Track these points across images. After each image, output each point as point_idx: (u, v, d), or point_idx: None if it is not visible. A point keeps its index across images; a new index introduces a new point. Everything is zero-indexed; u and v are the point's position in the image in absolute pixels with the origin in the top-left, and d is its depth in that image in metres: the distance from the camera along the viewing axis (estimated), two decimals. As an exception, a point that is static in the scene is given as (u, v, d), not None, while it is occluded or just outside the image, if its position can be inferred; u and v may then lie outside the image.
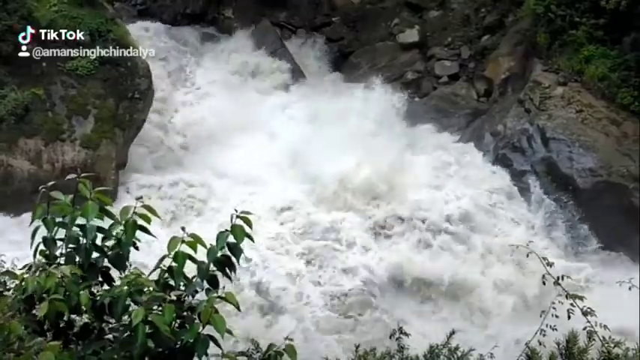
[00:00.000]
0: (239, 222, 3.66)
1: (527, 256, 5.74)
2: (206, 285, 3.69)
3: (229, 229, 3.68)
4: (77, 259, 3.66)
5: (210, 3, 26.81)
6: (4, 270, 3.90)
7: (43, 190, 3.68)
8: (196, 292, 3.66)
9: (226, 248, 3.71)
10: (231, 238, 3.68)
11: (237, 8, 26.64)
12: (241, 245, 3.69)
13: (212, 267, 3.70)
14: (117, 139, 18.31)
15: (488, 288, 16.52)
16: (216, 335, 3.49)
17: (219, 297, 3.56)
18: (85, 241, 3.65)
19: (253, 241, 3.72)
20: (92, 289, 3.57)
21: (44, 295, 3.40)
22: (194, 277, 3.69)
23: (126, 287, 3.50)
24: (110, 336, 3.63)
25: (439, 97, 23.21)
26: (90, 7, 19.16)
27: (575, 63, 19.73)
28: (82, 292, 3.45)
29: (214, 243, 3.71)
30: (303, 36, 26.54)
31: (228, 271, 3.73)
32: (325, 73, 25.52)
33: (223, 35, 26.01)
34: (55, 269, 3.48)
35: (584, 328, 5.20)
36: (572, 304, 5.19)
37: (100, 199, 3.66)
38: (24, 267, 3.68)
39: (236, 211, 3.68)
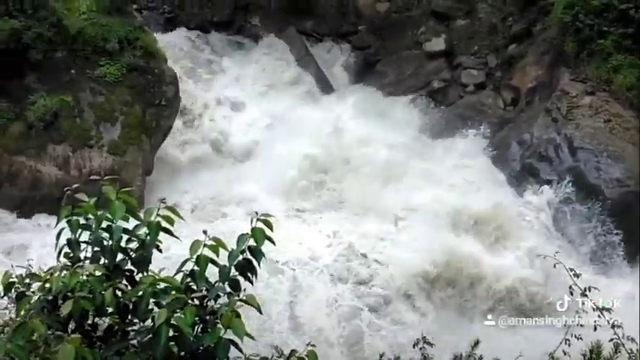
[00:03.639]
0: (260, 225, 3.66)
1: (555, 266, 5.69)
2: (228, 289, 3.70)
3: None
4: (102, 260, 3.68)
5: (238, 11, 26.97)
6: (29, 273, 3.91)
7: (68, 192, 3.71)
8: (218, 296, 3.66)
9: (247, 252, 3.71)
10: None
11: (263, 16, 26.78)
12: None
13: (233, 271, 3.70)
14: (144, 145, 18.45)
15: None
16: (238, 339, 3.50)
17: (240, 300, 3.57)
18: (110, 243, 3.68)
19: (274, 244, 3.71)
20: (116, 290, 3.59)
21: (68, 294, 3.42)
22: (217, 281, 3.70)
23: (150, 287, 3.51)
24: (134, 340, 3.64)
25: (465, 106, 23.13)
26: (119, 15, 19.38)
27: (603, 72, 19.54)
28: (106, 291, 3.47)
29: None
30: (330, 44, 26.60)
31: (249, 274, 3.73)
32: (351, 82, 25.55)
33: (250, 43, 26.16)
34: (80, 268, 3.51)
35: (611, 340, 5.14)
36: (599, 316, 5.14)
37: (125, 200, 3.68)
38: (48, 270, 3.72)
39: (257, 213, 3.68)
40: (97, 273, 3.52)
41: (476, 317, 15.47)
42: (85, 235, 3.72)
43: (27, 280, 3.75)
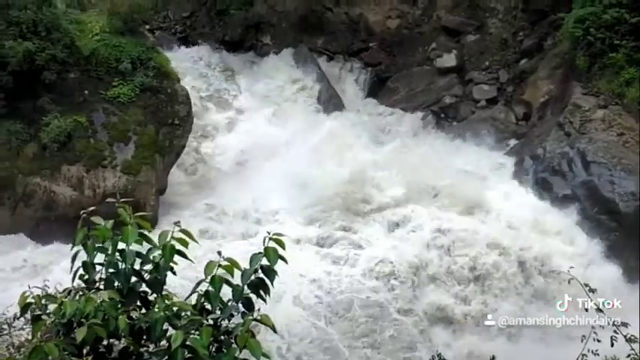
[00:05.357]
0: (272, 244, 3.66)
1: (569, 282, 5.65)
2: (242, 308, 3.69)
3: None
4: (116, 283, 3.69)
5: (249, 30, 27.14)
6: (45, 294, 3.93)
7: (84, 215, 3.73)
8: (232, 315, 3.66)
9: (260, 271, 3.70)
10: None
11: (275, 35, 26.92)
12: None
13: (246, 290, 3.69)
14: (157, 164, 18.52)
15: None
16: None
17: (254, 319, 3.56)
18: (124, 266, 3.68)
19: (287, 263, 3.71)
20: (130, 314, 3.59)
21: (83, 320, 3.43)
22: (229, 300, 3.69)
23: (163, 312, 3.52)
24: (149, 361, 3.64)
25: (478, 121, 23.12)
26: (131, 36, 19.53)
27: (615, 86, 19.50)
28: (120, 316, 3.47)
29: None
30: (341, 61, 26.70)
31: (262, 293, 3.73)
32: (362, 99, 25.61)
33: (262, 61, 26.27)
34: (94, 294, 3.52)
35: (628, 356, 5.09)
36: (615, 332, 5.10)
37: (139, 224, 3.69)
38: (64, 291, 3.73)
39: (268, 233, 3.68)
40: (111, 297, 3.52)
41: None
42: (100, 257, 3.73)
43: (43, 301, 3.76)
